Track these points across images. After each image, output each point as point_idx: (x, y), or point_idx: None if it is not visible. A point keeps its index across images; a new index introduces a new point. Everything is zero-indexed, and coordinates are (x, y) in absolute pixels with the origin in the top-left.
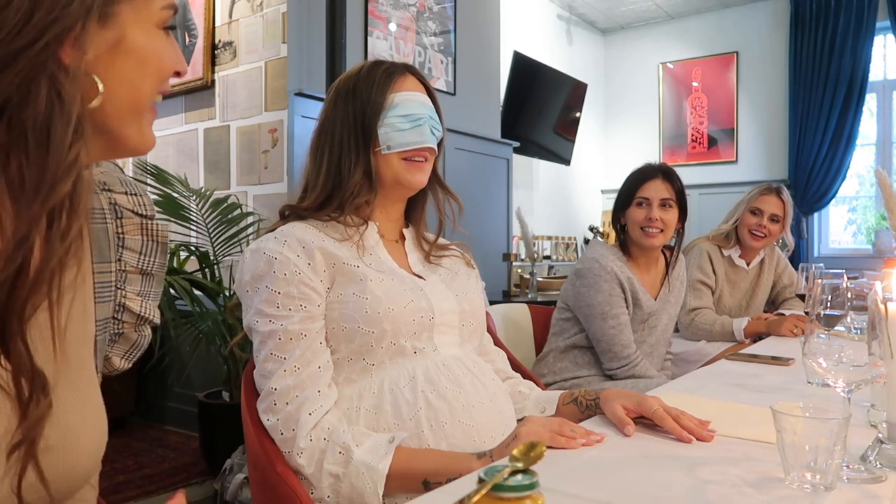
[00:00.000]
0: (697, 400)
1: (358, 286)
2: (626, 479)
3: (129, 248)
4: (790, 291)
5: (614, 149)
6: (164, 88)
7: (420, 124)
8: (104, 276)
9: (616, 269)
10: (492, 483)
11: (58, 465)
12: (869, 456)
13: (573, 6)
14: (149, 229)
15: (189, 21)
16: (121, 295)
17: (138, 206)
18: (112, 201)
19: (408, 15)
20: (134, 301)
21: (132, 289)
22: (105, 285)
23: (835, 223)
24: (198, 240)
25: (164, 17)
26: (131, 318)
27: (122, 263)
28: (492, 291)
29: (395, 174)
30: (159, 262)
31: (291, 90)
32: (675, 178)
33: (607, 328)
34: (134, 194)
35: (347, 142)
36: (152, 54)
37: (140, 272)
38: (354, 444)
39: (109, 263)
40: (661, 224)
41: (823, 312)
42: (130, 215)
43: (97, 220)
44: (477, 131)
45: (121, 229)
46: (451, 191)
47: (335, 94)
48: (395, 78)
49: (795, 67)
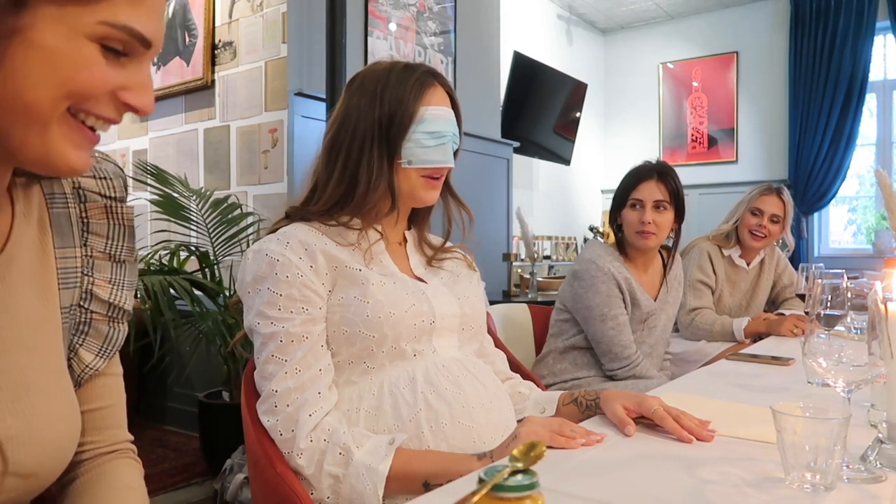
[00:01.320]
0: (697, 400)
1: (359, 290)
2: (626, 479)
3: (94, 233)
4: (790, 291)
5: (614, 149)
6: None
7: (444, 142)
8: (68, 261)
9: (613, 269)
10: (492, 483)
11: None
12: (869, 456)
13: (573, 6)
14: (114, 211)
15: (189, 21)
16: (88, 282)
17: (106, 188)
18: (76, 185)
19: (408, 15)
20: (103, 288)
21: (101, 276)
22: (69, 271)
23: (835, 223)
24: (198, 240)
25: (100, 32)
26: (101, 307)
27: (89, 249)
28: (492, 291)
29: (412, 189)
30: (127, 246)
31: (291, 90)
32: (671, 178)
33: (607, 329)
34: (103, 178)
35: (370, 150)
36: (62, 59)
37: (109, 258)
38: (355, 446)
39: (73, 248)
40: (654, 227)
41: (823, 312)
42: (96, 198)
43: (58, 205)
44: (477, 131)
45: (85, 213)
46: (462, 201)
47: (359, 89)
48: (425, 89)
49: (795, 67)
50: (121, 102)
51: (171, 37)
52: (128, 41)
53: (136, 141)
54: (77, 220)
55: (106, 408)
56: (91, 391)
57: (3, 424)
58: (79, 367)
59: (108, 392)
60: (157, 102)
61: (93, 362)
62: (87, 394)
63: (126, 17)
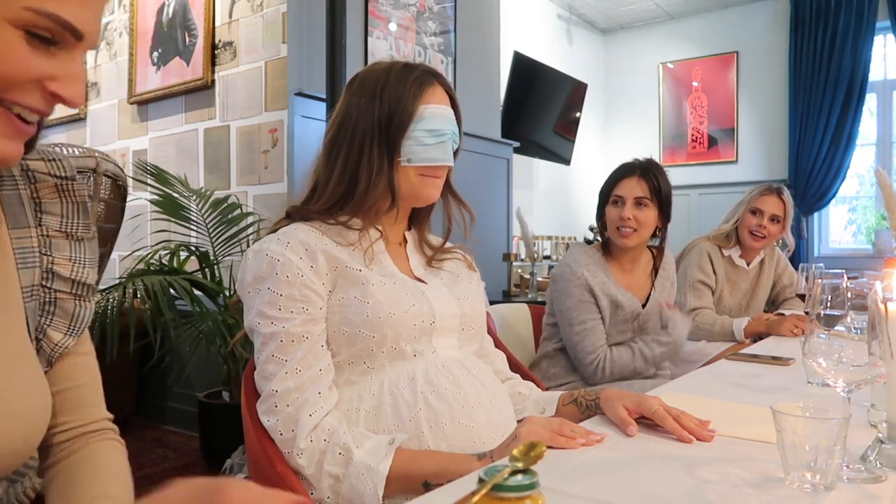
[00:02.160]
0: (697, 400)
1: (360, 290)
2: (626, 479)
3: (48, 213)
4: (790, 291)
5: (614, 149)
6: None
7: (443, 141)
8: (24, 241)
9: (588, 274)
10: (492, 483)
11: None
12: (869, 456)
13: (573, 6)
14: (65, 190)
15: (189, 21)
16: (48, 261)
17: (55, 169)
18: (25, 168)
19: (408, 15)
20: (64, 266)
21: (60, 254)
22: (26, 251)
23: (835, 223)
24: (198, 240)
25: (25, 18)
26: (64, 284)
27: (44, 228)
28: (492, 291)
29: (412, 187)
30: (83, 223)
31: (291, 90)
32: (654, 175)
33: (573, 334)
34: (52, 160)
35: (370, 148)
36: None
37: (66, 236)
38: (355, 446)
39: (28, 229)
40: (635, 223)
41: (823, 312)
42: (46, 178)
43: (8, 187)
44: (477, 131)
45: (36, 194)
46: (463, 201)
47: (359, 89)
48: (425, 88)
49: (795, 67)
50: (48, 93)
51: (171, 37)
52: (55, 29)
53: (136, 141)
54: (29, 200)
55: (79, 386)
56: (63, 371)
57: None
58: (48, 347)
59: (79, 371)
60: (157, 102)
61: (62, 341)
62: (59, 374)
63: (53, 5)
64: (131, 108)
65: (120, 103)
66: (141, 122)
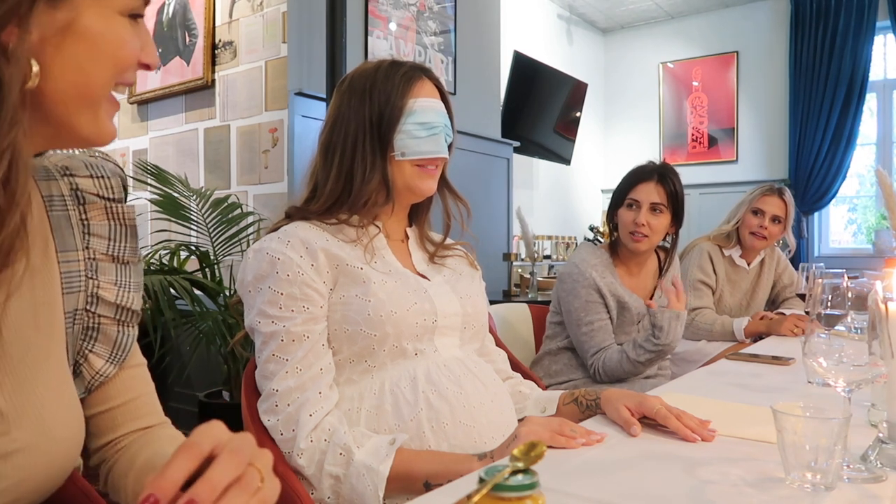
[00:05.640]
0: (697, 400)
1: (361, 288)
2: (626, 479)
3: (96, 235)
4: (790, 291)
5: (614, 148)
6: (124, 79)
7: (436, 133)
8: (70, 265)
9: (596, 275)
10: (492, 483)
11: (30, 466)
12: (869, 456)
13: (573, 6)
14: (115, 213)
15: (189, 21)
16: (93, 285)
17: (103, 189)
18: (74, 186)
19: (408, 15)
20: (109, 291)
21: (106, 278)
22: (72, 275)
23: (835, 223)
24: (198, 239)
25: (128, 3)
26: (108, 310)
27: (91, 251)
28: (492, 291)
29: (407, 181)
30: (130, 246)
31: (291, 90)
32: (671, 180)
33: (580, 334)
34: (100, 177)
35: (362, 145)
36: (108, 41)
37: (112, 259)
38: (355, 446)
39: (76, 252)
40: (647, 230)
41: (823, 312)
42: (95, 199)
43: (57, 208)
44: (477, 131)
45: (85, 215)
46: (459, 195)
47: (349, 89)
48: (413, 83)
49: (795, 67)
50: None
51: (171, 36)
52: (142, 4)
53: (136, 140)
54: (77, 222)
55: (139, 397)
56: (123, 383)
57: (7, 438)
58: (89, 374)
59: (135, 383)
60: (157, 102)
61: (103, 368)
62: (119, 387)
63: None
64: (131, 107)
65: (120, 103)
66: (141, 121)
